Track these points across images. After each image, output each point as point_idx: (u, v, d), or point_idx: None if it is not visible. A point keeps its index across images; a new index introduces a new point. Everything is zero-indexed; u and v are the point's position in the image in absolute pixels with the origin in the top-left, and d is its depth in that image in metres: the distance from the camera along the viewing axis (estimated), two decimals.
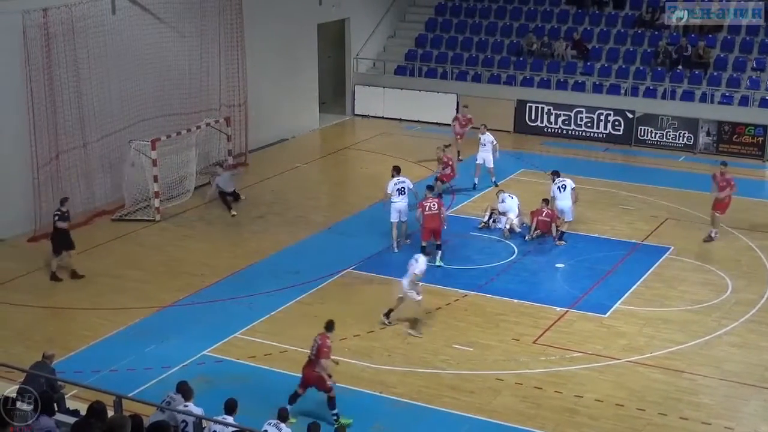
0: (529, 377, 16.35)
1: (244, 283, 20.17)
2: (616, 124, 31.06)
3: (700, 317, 18.66)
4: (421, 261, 18.09)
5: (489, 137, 26.01)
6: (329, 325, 15.08)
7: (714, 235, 22.32)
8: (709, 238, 22.31)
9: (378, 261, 21.32)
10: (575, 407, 15.45)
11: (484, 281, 20.24)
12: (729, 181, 22.26)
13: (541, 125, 32.00)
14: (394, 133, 32.46)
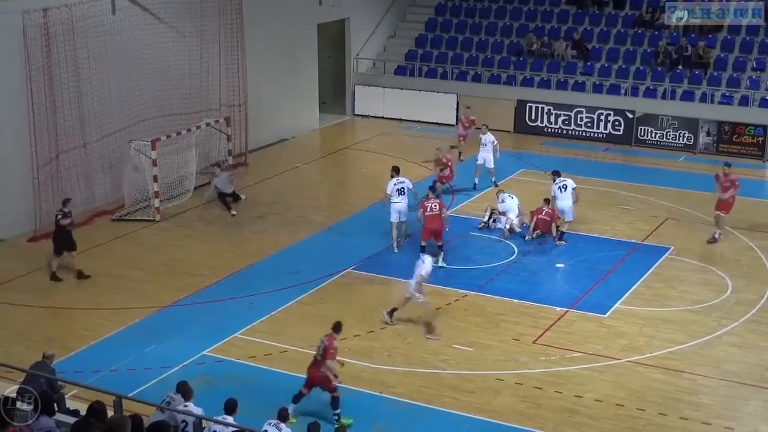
0: (529, 377, 16.35)
1: (244, 283, 20.17)
2: (616, 124, 31.06)
3: (700, 317, 18.66)
4: (428, 262, 18.02)
5: (490, 137, 26.03)
6: (337, 326, 15.06)
7: (717, 236, 22.23)
8: (713, 239, 22.22)
9: (378, 261, 21.33)
10: (575, 407, 15.45)
11: (484, 281, 20.24)
12: (733, 181, 22.14)
13: (541, 125, 32.00)
14: (394, 133, 32.46)
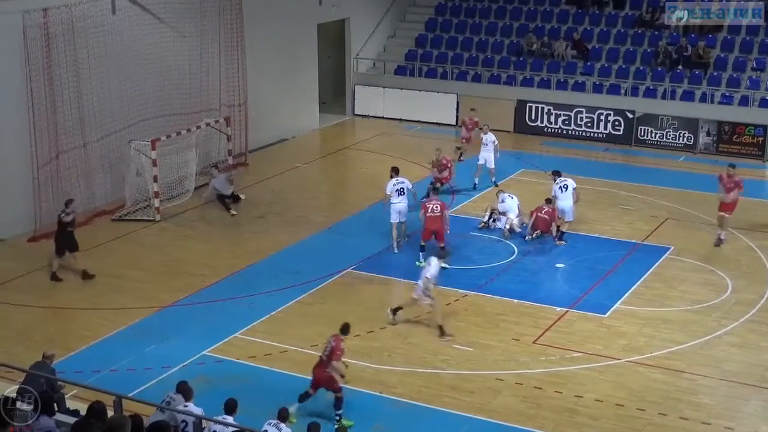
0: (529, 377, 16.35)
1: (244, 283, 20.16)
2: (616, 124, 31.06)
3: (700, 317, 18.65)
4: (434, 264, 17.93)
5: (491, 137, 26.04)
6: (344, 328, 15.06)
7: (723, 237, 22.06)
8: (718, 241, 22.02)
9: (378, 261, 21.32)
10: (575, 407, 15.45)
11: (484, 281, 20.24)
12: (737, 183, 21.98)
13: (541, 125, 32.00)
14: (394, 133, 32.46)
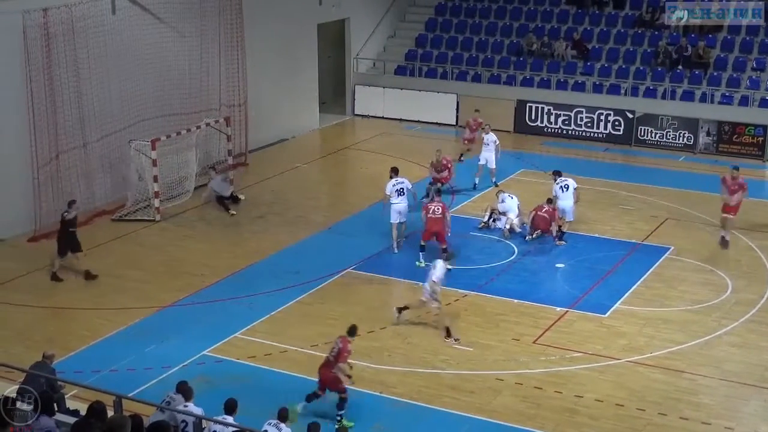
0: (529, 377, 16.35)
1: (244, 283, 20.16)
2: (616, 124, 31.06)
3: (700, 317, 18.65)
4: (439, 267, 17.89)
5: (492, 137, 26.04)
6: (352, 329, 15.05)
7: (728, 239, 21.81)
8: (724, 243, 21.79)
9: (378, 261, 21.32)
10: (575, 407, 15.45)
11: (484, 281, 20.24)
12: (742, 185, 21.82)
13: (541, 125, 31.99)
14: (394, 133, 32.46)
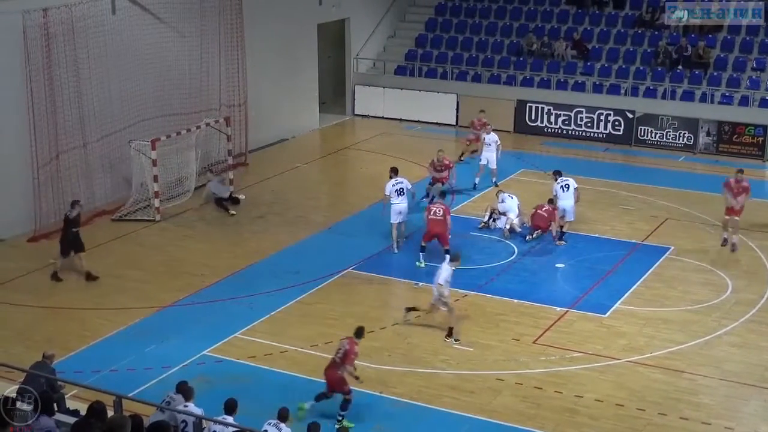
0: (529, 377, 16.35)
1: (244, 283, 20.16)
2: (616, 124, 31.06)
3: (700, 317, 18.65)
4: (445, 268, 17.79)
5: (494, 137, 26.05)
6: (359, 331, 15.01)
7: (736, 240, 21.75)
8: (732, 246, 21.70)
9: (378, 261, 21.32)
10: (575, 407, 15.45)
11: (484, 281, 20.24)
12: (746, 188, 21.77)
13: (541, 125, 31.99)
14: (394, 133, 32.46)
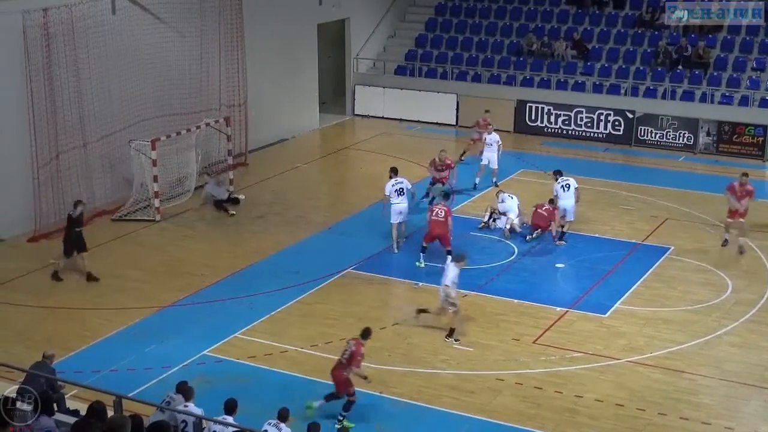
0: (529, 377, 16.35)
1: (244, 283, 20.16)
2: (616, 124, 31.06)
3: (700, 317, 18.65)
4: (450, 269, 17.72)
5: (495, 137, 26.07)
6: (365, 332, 14.97)
7: (743, 243, 21.69)
8: (739, 248, 21.63)
9: (378, 261, 21.32)
10: (575, 407, 15.45)
11: (484, 281, 20.23)
12: (750, 192, 21.73)
13: (541, 125, 31.99)
14: (394, 133, 32.46)
